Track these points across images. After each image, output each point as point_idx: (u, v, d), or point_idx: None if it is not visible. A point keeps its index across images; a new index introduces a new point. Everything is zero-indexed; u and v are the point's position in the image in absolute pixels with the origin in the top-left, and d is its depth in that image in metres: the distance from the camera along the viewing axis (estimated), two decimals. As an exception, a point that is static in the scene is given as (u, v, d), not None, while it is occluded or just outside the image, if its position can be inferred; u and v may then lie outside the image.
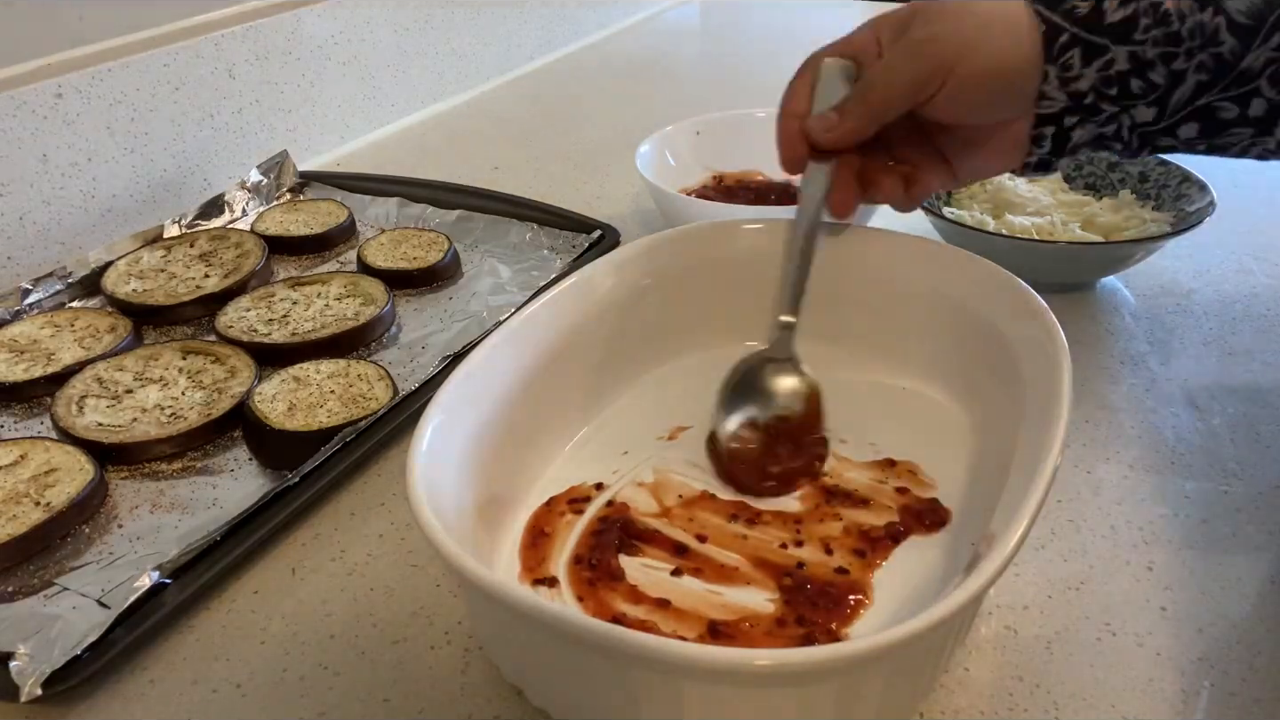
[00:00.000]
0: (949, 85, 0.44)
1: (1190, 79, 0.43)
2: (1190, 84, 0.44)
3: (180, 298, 0.67)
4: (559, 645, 0.33)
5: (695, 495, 0.47)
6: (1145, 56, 0.43)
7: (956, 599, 0.30)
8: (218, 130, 0.86)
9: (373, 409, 0.54)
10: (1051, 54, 0.44)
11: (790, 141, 0.49)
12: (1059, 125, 0.46)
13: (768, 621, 0.40)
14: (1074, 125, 0.46)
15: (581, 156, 0.96)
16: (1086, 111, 0.45)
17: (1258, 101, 0.44)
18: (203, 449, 0.54)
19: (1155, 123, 0.45)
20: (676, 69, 1.26)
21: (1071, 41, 0.44)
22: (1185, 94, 0.44)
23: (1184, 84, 0.44)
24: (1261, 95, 0.43)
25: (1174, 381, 0.57)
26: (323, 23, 0.94)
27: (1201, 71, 0.43)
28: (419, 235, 0.74)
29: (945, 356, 0.51)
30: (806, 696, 0.31)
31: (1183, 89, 0.44)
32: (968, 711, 0.38)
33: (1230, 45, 0.43)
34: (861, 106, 0.46)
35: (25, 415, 0.58)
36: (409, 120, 1.07)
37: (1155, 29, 0.43)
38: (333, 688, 0.40)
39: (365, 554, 0.48)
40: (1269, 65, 0.43)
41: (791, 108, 0.49)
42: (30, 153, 0.72)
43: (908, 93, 0.45)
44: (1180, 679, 0.39)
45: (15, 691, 0.38)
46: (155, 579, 0.43)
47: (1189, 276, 0.68)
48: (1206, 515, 0.47)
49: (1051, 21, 0.44)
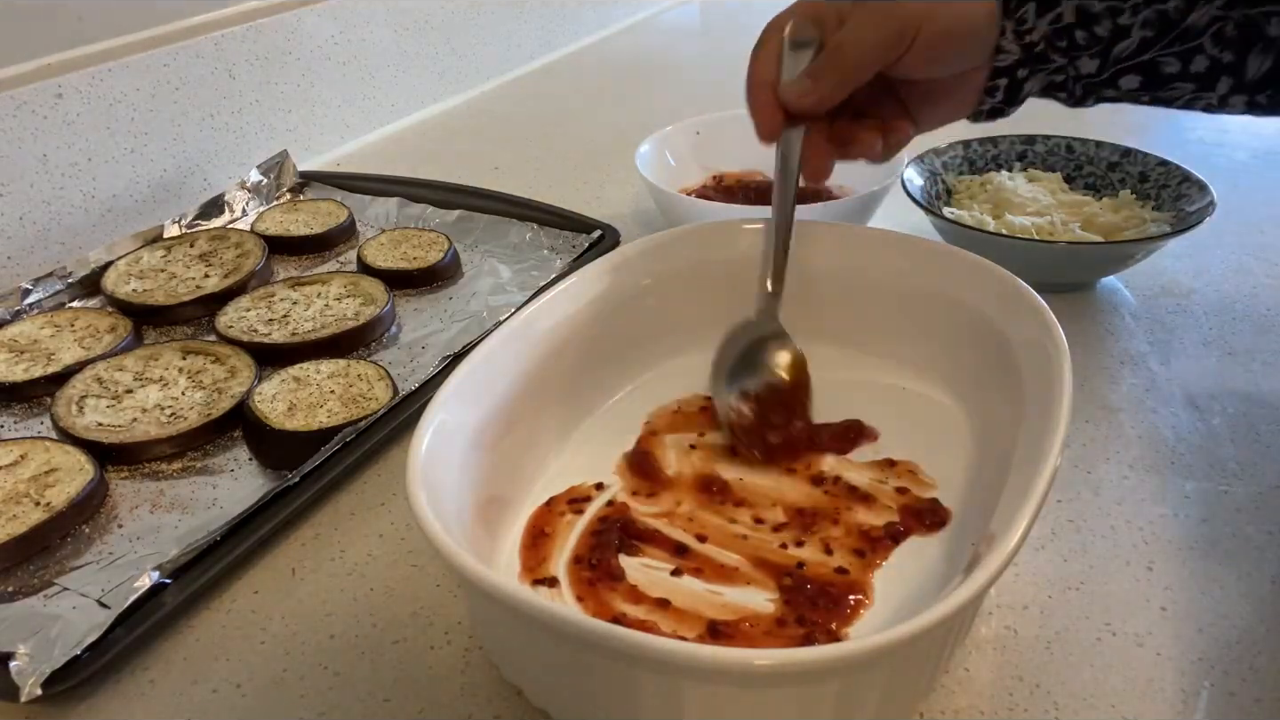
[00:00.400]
0: (916, 44, 0.45)
1: (1135, 34, 0.44)
2: (1135, 39, 0.45)
3: (180, 298, 0.67)
4: (559, 645, 0.33)
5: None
6: (1092, 10, 0.45)
7: (956, 599, 0.30)
8: (218, 130, 0.86)
9: (373, 409, 0.54)
10: (1009, 7, 0.45)
11: (764, 110, 0.49)
12: (1012, 77, 0.48)
13: (768, 621, 0.40)
14: (1026, 76, 0.47)
15: (581, 156, 0.96)
16: (1037, 60, 0.47)
17: (1200, 58, 0.45)
18: (203, 449, 0.54)
19: (1098, 74, 0.46)
20: (676, 69, 1.26)
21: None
22: (1129, 48, 0.45)
23: (1128, 38, 0.45)
24: (1204, 52, 0.44)
25: (1174, 381, 0.57)
26: (323, 23, 0.94)
27: (1146, 27, 0.44)
28: (419, 235, 0.74)
29: (945, 356, 0.51)
30: (806, 696, 0.31)
31: (1126, 43, 0.45)
32: (968, 711, 0.38)
33: (1175, 3, 0.44)
34: (834, 70, 0.47)
35: (25, 415, 0.58)
36: (409, 120, 1.07)
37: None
38: (333, 688, 0.40)
39: (365, 554, 0.48)
40: (1213, 24, 0.43)
41: (761, 76, 0.49)
42: (30, 153, 0.72)
43: (878, 54, 0.46)
44: (1180, 679, 0.39)
45: (15, 691, 0.38)
46: (155, 579, 0.43)
47: (1189, 276, 0.68)
48: (1206, 515, 0.47)
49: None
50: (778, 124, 0.49)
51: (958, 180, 0.73)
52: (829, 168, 0.51)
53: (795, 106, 0.48)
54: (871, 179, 0.68)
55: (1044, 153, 0.75)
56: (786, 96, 0.48)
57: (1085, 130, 0.74)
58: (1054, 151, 0.74)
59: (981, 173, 0.74)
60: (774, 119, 0.49)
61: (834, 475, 0.48)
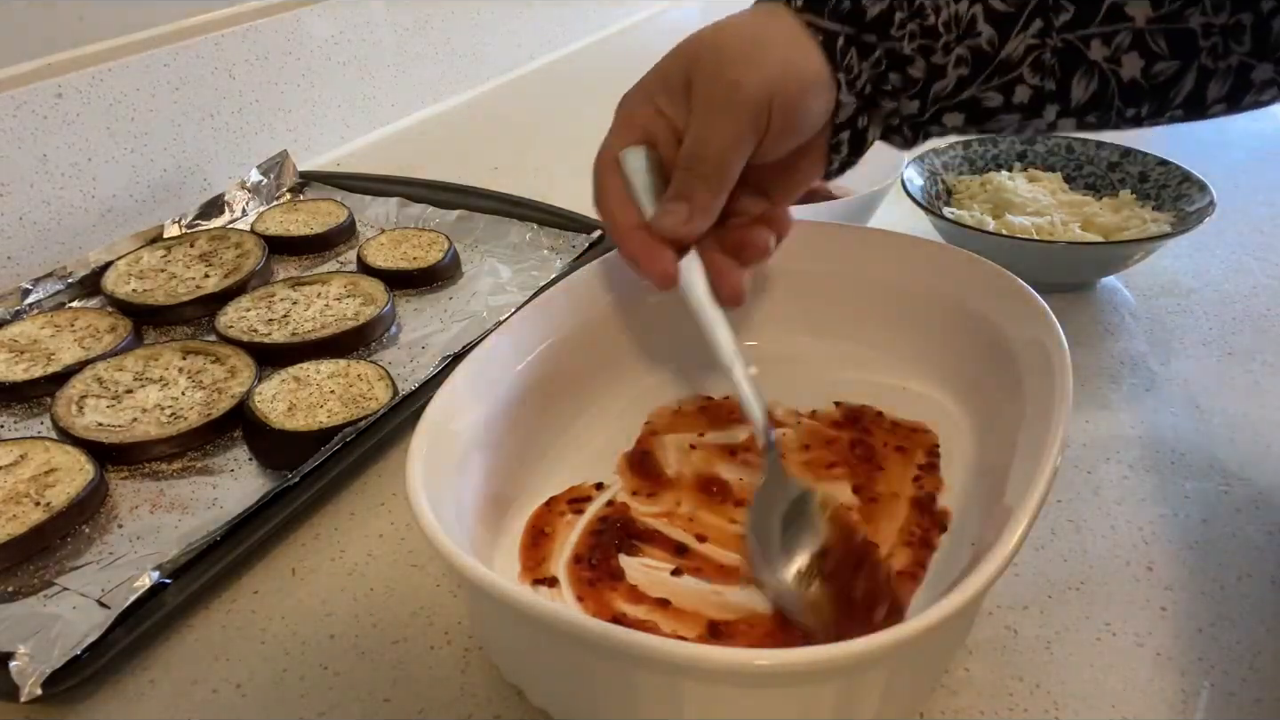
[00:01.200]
0: (774, 122, 0.41)
1: (951, 73, 0.42)
2: (951, 78, 0.42)
3: (180, 298, 0.67)
4: (559, 645, 0.33)
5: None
6: (903, 51, 0.41)
7: (956, 599, 0.30)
8: (218, 130, 0.86)
9: (373, 409, 0.54)
10: (837, 60, 0.42)
11: (650, 253, 0.43)
12: (853, 127, 0.44)
13: (768, 622, 0.40)
14: (866, 125, 0.44)
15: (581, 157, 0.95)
16: (871, 105, 0.43)
17: (1021, 88, 0.42)
18: (203, 449, 0.54)
19: (920, 115, 0.43)
20: (676, 69, 1.26)
21: (847, 43, 0.41)
22: (946, 87, 0.42)
23: (944, 78, 0.42)
24: (1025, 82, 0.41)
25: (1174, 381, 0.57)
26: (323, 23, 0.94)
27: (961, 65, 0.41)
28: (419, 235, 0.74)
29: (945, 356, 0.51)
30: (806, 696, 0.31)
31: (943, 82, 0.42)
32: (968, 711, 0.38)
33: (988, 35, 0.41)
34: (703, 182, 0.42)
35: (25, 415, 0.58)
36: (409, 120, 1.07)
37: (911, 22, 0.41)
38: (333, 688, 0.40)
39: (365, 554, 0.48)
40: (1030, 53, 0.41)
41: (625, 222, 0.44)
42: (30, 153, 0.72)
43: (739, 148, 0.42)
44: (1180, 679, 0.39)
45: (15, 691, 0.38)
46: (155, 579, 0.43)
47: (1189, 276, 0.68)
48: (1206, 515, 0.47)
49: (825, 29, 0.41)
50: (671, 265, 0.43)
51: (958, 180, 0.73)
52: (744, 284, 0.45)
53: (681, 235, 0.43)
54: (871, 179, 0.68)
55: (1044, 153, 0.75)
56: (665, 229, 0.43)
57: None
58: (1054, 151, 0.74)
59: (981, 173, 0.74)
60: (665, 259, 0.43)
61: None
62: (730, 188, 0.43)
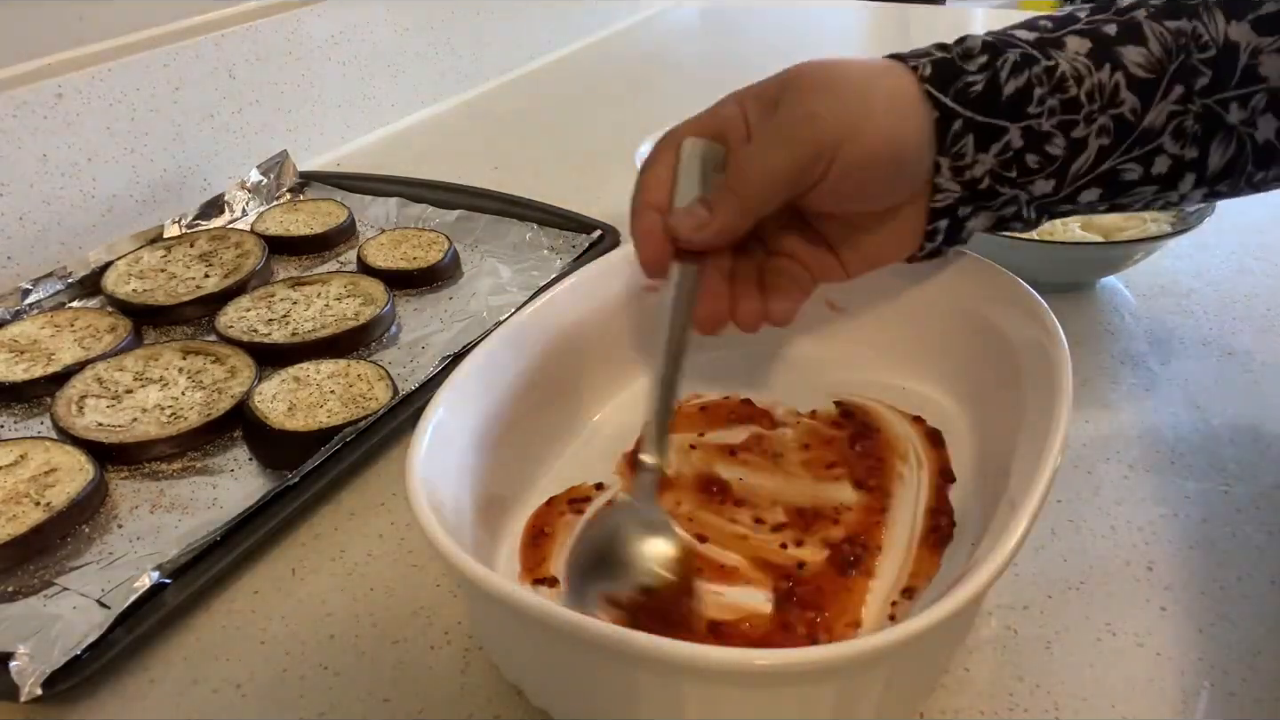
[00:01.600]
0: (832, 172, 0.39)
1: (1092, 145, 0.40)
2: (1092, 150, 0.40)
3: (180, 298, 0.67)
4: (559, 645, 0.33)
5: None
6: (1042, 129, 0.40)
7: (956, 599, 0.30)
8: (218, 130, 0.86)
9: (373, 409, 0.54)
10: (945, 145, 0.40)
11: (649, 238, 0.41)
12: (952, 217, 0.42)
13: (768, 622, 0.40)
14: (969, 215, 0.42)
15: (581, 156, 0.96)
16: (981, 198, 0.41)
17: (1161, 159, 0.41)
18: (203, 449, 0.54)
19: (1054, 194, 0.42)
20: (676, 69, 1.26)
21: (965, 128, 0.39)
22: (1087, 162, 0.41)
23: (1085, 151, 0.40)
24: (1165, 152, 0.41)
25: (1174, 381, 0.57)
26: (323, 23, 0.94)
27: (1103, 135, 0.40)
28: (419, 235, 0.74)
29: (945, 356, 0.51)
30: (806, 696, 0.31)
31: (1084, 157, 0.40)
32: (968, 711, 0.38)
33: (1131, 104, 0.39)
34: (734, 199, 0.40)
35: (25, 415, 0.58)
36: (409, 120, 1.07)
37: (1051, 97, 0.39)
38: (333, 688, 0.40)
39: (365, 554, 0.48)
40: (1171, 119, 0.40)
41: (651, 198, 0.42)
42: (30, 153, 0.72)
43: (786, 182, 0.39)
44: (1180, 679, 0.39)
45: (15, 691, 0.38)
46: (155, 579, 0.43)
47: (1189, 276, 0.68)
48: (1206, 515, 0.47)
49: (945, 107, 0.39)
50: (664, 257, 0.41)
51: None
52: (724, 320, 0.43)
53: (686, 239, 0.40)
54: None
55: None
56: (676, 224, 0.40)
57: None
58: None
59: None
60: (660, 250, 0.41)
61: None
62: (758, 216, 0.40)
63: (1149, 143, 0.40)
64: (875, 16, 1.47)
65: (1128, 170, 0.41)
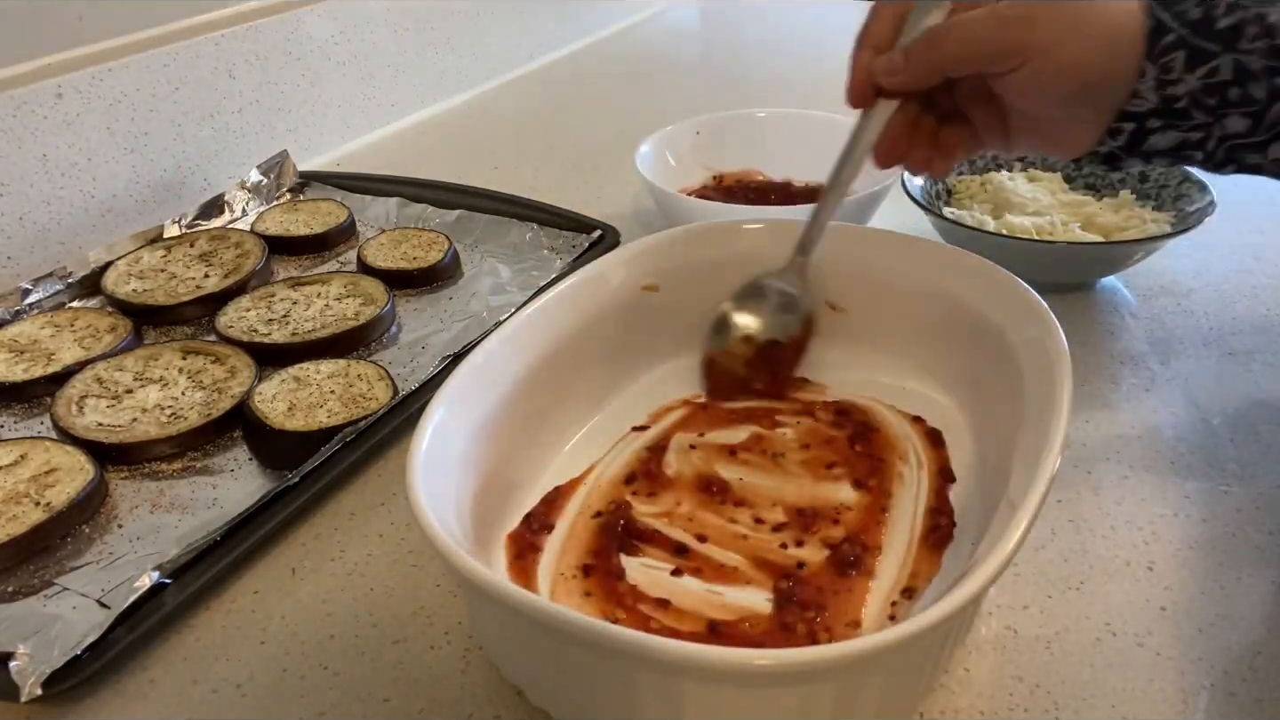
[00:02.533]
0: (1022, 72, 0.42)
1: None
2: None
3: (180, 298, 0.67)
4: (559, 645, 0.33)
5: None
6: (1251, 67, 0.41)
7: (956, 599, 0.30)
8: (218, 130, 0.86)
9: (373, 409, 0.54)
10: (1153, 52, 0.41)
11: (857, 73, 0.46)
12: (1141, 124, 0.43)
13: (767, 621, 0.40)
14: (1157, 128, 0.43)
15: (581, 156, 0.96)
16: (1176, 116, 0.43)
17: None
18: (203, 449, 0.54)
19: (1247, 135, 0.42)
20: (676, 69, 1.26)
21: (1177, 43, 0.41)
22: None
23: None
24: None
25: (1174, 381, 0.57)
26: (323, 23, 0.94)
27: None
28: (419, 235, 0.74)
29: (945, 356, 0.51)
30: (806, 696, 0.31)
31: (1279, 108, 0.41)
32: (968, 711, 0.38)
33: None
34: (928, 56, 0.44)
35: (25, 415, 0.58)
36: (409, 120, 1.07)
37: (1260, 40, 0.41)
38: (333, 688, 0.40)
39: (365, 554, 0.48)
40: None
41: (871, 35, 0.46)
42: (30, 153, 0.72)
43: (979, 60, 0.43)
44: (1180, 679, 0.39)
45: (15, 691, 0.38)
46: (155, 579, 0.43)
47: (1189, 276, 0.68)
48: (1206, 515, 0.47)
49: (1160, 20, 0.41)
50: (867, 93, 0.46)
51: (958, 180, 0.73)
52: (898, 159, 0.48)
53: (879, 80, 0.45)
54: (872, 179, 0.68)
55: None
56: (874, 68, 0.45)
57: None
58: (1054, 151, 0.74)
59: (981, 172, 0.74)
60: (864, 86, 0.46)
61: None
62: (944, 77, 0.44)
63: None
64: (875, 16, 1.46)
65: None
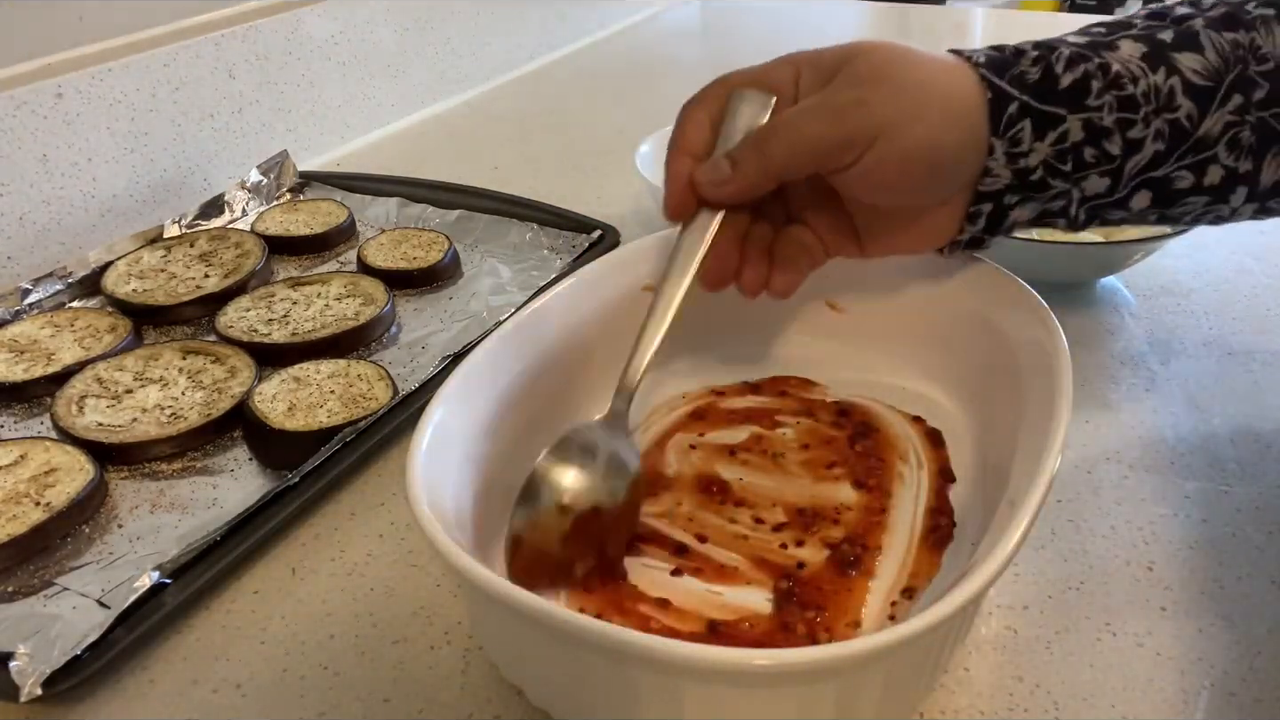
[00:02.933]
0: (865, 160, 0.39)
1: (1148, 147, 0.40)
2: (1148, 153, 0.40)
3: (180, 298, 0.67)
4: (559, 645, 0.33)
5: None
6: (1102, 124, 0.39)
7: (956, 599, 0.30)
8: (218, 130, 0.86)
9: (373, 409, 0.54)
10: (999, 127, 0.39)
11: (675, 183, 0.42)
12: (998, 203, 0.41)
13: (767, 621, 0.40)
14: (1014, 204, 0.41)
15: (581, 156, 0.96)
16: (1032, 188, 0.41)
17: (1214, 169, 0.40)
18: (203, 449, 0.54)
19: (1108, 194, 0.41)
20: (676, 69, 1.26)
21: (1021, 112, 0.39)
22: (1141, 162, 0.40)
23: (1140, 152, 0.40)
24: (1218, 162, 0.40)
25: (1174, 381, 0.57)
26: (323, 23, 0.94)
27: (1159, 140, 0.39)
28: (419, 235, 0.74)
29: (945, 356, 0.51)
30: (806, 696, 0.31)
31: (1138, 157, 0.40)
32: (968, 711, 0.38)
33: (1187, 109, 0.39)
34: (758, 160, 0.40)
35: (25, 415, 0.58)
36: (409, 120, 1.07)
37: (1108, 93, 0.39)
38: (333, 688, 0.40)
39: (365, 554, 0.48)
40: (1227, 130, 0.39)
41: (684, 141, 0.42)
42: (30, 153, 0.72)
43: (814, 156, 0.39)
44: (1180, 679, 0.39)
45: (15, 691, 0.38)
46: (155, 579, 0.43)
47: (1189, 276, 0.68)
48: (1206, 515, 0.47)
49: (1000, 89, 0.39)
50: (688, 204, 0.42)
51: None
52: (728, 280, 0.43)
53: (704, 191, 0.41)
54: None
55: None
56: (697, 177, 0.41)
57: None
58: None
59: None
60: (684, 197, 0.41)
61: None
62: (779, 182, 0.41)
63: (1203, 151, 0.40)
64: (875, 16, 1.47)
65: (1180, 178, 0.40)
